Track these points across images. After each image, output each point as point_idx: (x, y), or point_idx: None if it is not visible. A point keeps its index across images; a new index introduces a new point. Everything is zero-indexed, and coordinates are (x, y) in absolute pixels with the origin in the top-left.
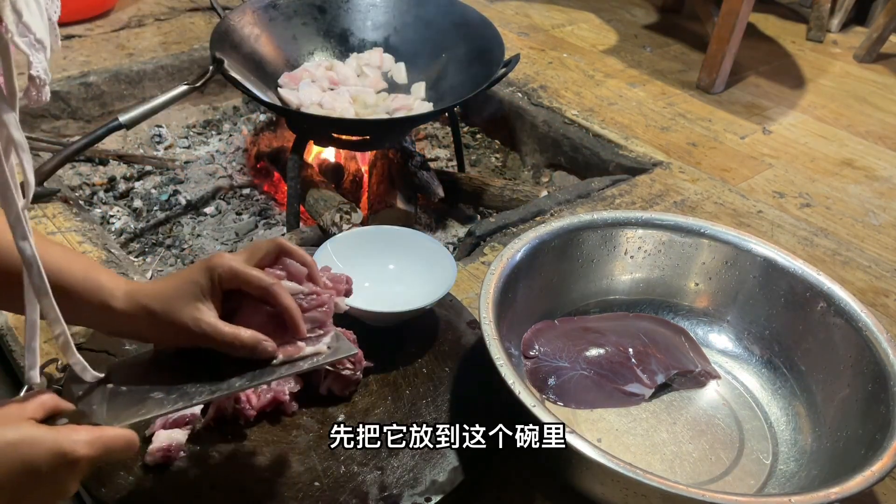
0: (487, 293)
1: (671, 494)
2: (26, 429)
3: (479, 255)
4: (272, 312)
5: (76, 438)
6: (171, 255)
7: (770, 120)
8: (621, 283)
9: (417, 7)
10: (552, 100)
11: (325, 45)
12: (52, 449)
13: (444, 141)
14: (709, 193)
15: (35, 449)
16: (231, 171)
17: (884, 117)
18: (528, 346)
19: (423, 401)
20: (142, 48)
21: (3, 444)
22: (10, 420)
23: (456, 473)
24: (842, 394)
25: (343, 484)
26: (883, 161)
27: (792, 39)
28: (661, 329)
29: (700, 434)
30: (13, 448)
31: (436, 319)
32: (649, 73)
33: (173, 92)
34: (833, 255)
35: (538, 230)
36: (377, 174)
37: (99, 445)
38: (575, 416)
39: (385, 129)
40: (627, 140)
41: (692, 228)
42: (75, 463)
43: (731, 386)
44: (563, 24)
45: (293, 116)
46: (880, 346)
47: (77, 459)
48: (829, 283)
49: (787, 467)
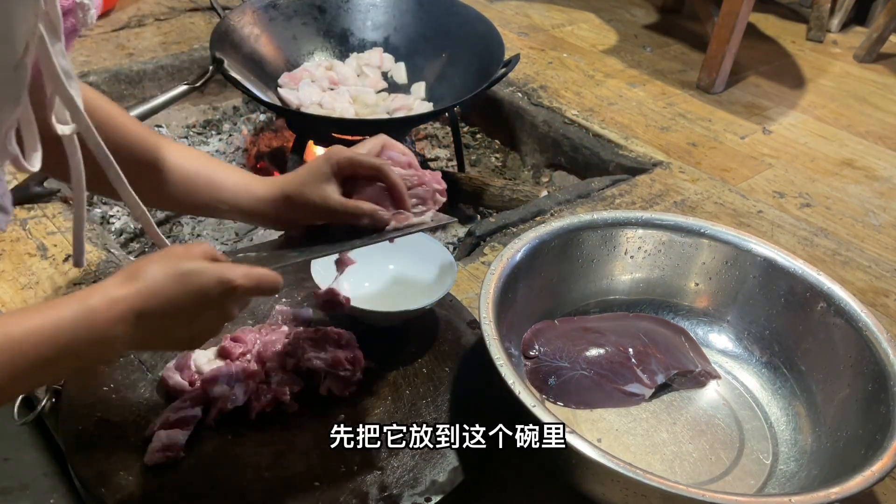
0: (487, 293)
1: (671, 494)
2: (198, 262)
3: (479, 255)
4: (381, 193)
5: (237, 271)
6: None
7: (770, 120)
8: (621, 283)
9: (417, 7)
10: (552, 100)
11: (325, 45)
12: (219, 277)
13: (444, 141)
14: (709, 193)
15: (205, 277)
16: None
17: (884, 117)
18: (528, 346)
19: (423, 401)
20: (142, 48)
21: (181, 273)
22: (183, 256)
23: (456, 473)
24: (842, 394)
25: (343, 484)
26: (883, 161)
27: (792, 39)
28: (661, 329)
29: (700, 434)
30: (189, 276)
31: (436, 319)
32: (649, 73)
33: (173, 92)
34: (833, 255)
35: (538, 230)
36: None
37: (254, 277)
38: (575, 416)
39: (385, 129)
40: (627, 140)
41: (692, 228)
42: (235, 290)
43: (731, 386)
44: (563, 24)
45: (293, 116)
46: (880, 346)
47: (237, 287)
48: (829, 283)
49: (787, 467)
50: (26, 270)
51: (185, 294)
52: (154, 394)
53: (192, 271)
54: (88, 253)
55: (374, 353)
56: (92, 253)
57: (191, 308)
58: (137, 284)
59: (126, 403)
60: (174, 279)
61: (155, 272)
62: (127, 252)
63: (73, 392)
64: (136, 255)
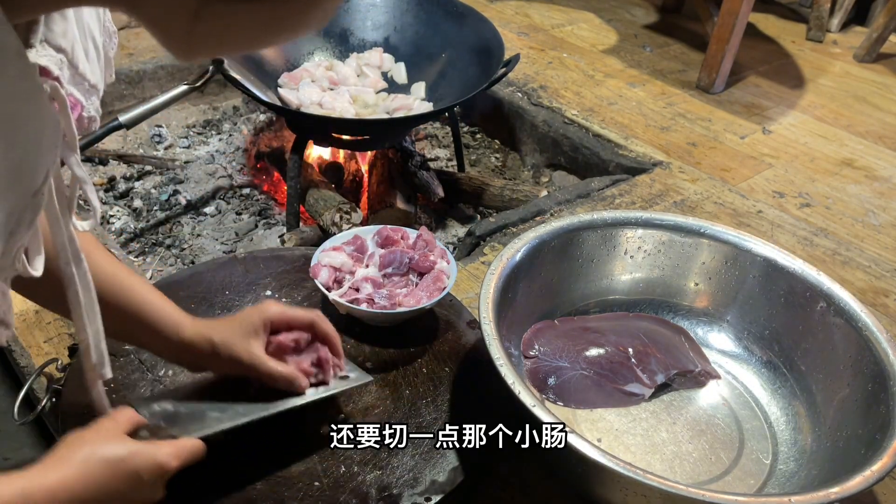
0: (487, 293)
1: (671, 494)
2: (129, 445)
3: (479, 255)
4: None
5: (168, 452)
6: (171, 255)
7: (770, 120)
8: (621, 283)
9: (417, 7)
10: (552, 100)
11: (325, 45)
12: (151, 461)
13: (444, 141)
14: (709, 193)
15: (138, 461)
16: (231, 171)
17: (884, 117)
18: (528, 346)
19: (423, 401)
20: (142, 48)
21: (116, 458)
22: (113, 436)
23: (456, 473)
24: (842, 394)
25: (343, 484)
26: (883, 161)
27: (792, 39)
28: (661, 329)
29: (700, 434)
30: (123, 462)
31: (436, 319)
32: (649, 73)
33: (173, 92)
34: (833, 254)
35: (538, 230)
36: (377, 174)
37: (184, 456)
38: (575, 416)
39: (385, 129)
40: (627, 140)
41: (692, 228)
42: (168, 472)
43: (731, 386)
44: (563, 24)
45: (293, 116)
46: (880, 346)
47: (170, 469)
48: (829, 283)
49: (787, 467)
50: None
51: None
52: (154, 393)
53: (125, 457)
54: None
55: (374, 353)
56: None
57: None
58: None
59: (126, 403)
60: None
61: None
62: (127, 252)
63: (73, 392)
64: (137, 256)
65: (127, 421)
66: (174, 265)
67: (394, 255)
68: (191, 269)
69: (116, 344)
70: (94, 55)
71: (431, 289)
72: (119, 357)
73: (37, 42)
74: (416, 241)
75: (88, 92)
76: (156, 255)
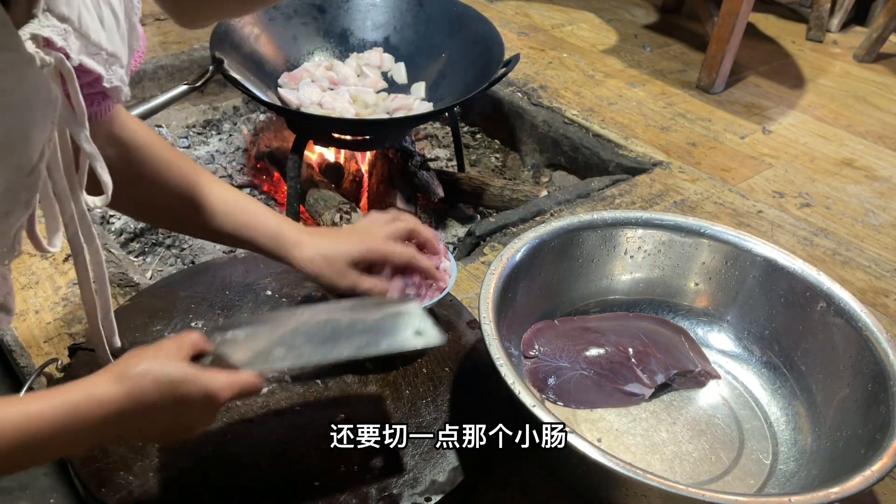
0: (487, 293)
1: (671, 494)
2: (184, 368)
3: (479, 255)
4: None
5: (221, 382)
6: (171, 254)
7: (770, 120)
8: (621, 283)
9: (417, 7)
10: (552, 100)
11: (325, 45)
12: (203, 389)
13: (444, 141)
14: (709, 193)
15: (190, 387)
16: (231, 171)
17: (884, 117)
18: (528, 346)
19: (423, 401)
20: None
21: (168, 380)
22: (171, 357)
23: (456, 473)
24: (842, 394)
25: (343, 484)
26: (883, 161)
27: (792, 39)
28: (661, 329)
29: (700, 434)
30: (175, 385)
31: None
32: (649, 73)
33: (173, 92)
34: (833, 254)
35: (538, 230)
36: (377, 174)
37: (237, 388)
38: (575, 416)
39: (385, 129)
40: (627, 140)
41: (692, 228)
42: (218, 402)
43: (731, 386)
44: (563, 24)
45: (293, 116)
46: (880, 345)
47: (219, 400)
48: (829, 282)
49: (787, 467)
50: (26, 270)
51: (169, 402)
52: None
53: (178, 381)
54: None
55: None
56: None
57: (173, 414)
58: (123, 388)
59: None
60: (159, 386)
61: (142, 375)
62: (127, 252)
63: None
64: (137, 256)
65: (191, 345)
66: (174, 265)
67: None
68: (191, 269)
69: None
70: (111, 23)
71: (431, 289)
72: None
73: (39, 12)
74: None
75: (108, 61)
76: (156, 255)
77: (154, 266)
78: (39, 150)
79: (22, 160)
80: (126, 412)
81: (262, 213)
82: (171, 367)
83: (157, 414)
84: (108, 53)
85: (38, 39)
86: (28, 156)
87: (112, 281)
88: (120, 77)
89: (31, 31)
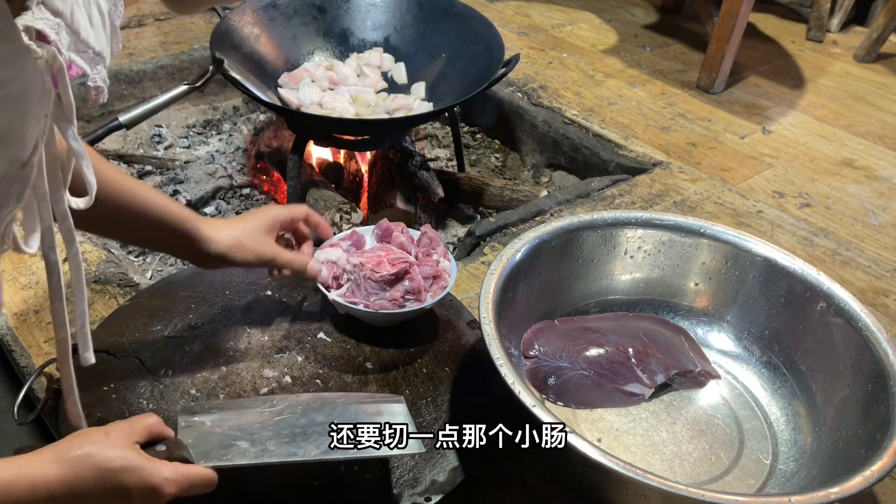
0: (487, 293)
1: (671, 494)
2: (129, 456)
3: (479, 255)
4: None
5: (167, 476)
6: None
7: (770, 120)
8: (621, 283)
9: (417, 7)
10: (552, 100)
11: (325, 45)
12: (145, 481)
13: (444, 141)
14: (709, 193)
15: (132, 478)
16: (231, 171)
17: (884, 117)
18: (528, 346)
19: (423, 401)
20: (142, 48)
21: (108, 468)
22: (118, 443)
23: (456, 473)
24: (842, 394)
25: (343, 484)
26: (883, 161)
27: (792, 39)
28: (661, 329)
29: (700, 434)
30: (115, 473)
31: (436, 319)
32: (649, 73)
33: (173, 92)
34: (833, 255)
35: (538, 230)
36: (377, 174)
37: (184, 485)
38: (575, 416)
39: (385, 129)
40: (627, 140)
41: (692, 228)
42: (161, 495)
43: (731, 386)
44: (562, 24)
45: (293, 116)
46: (880, 346)
47: (164, 495)
48: (829, 283)
49: (787, 467)
50: (26, 270)
51: (107, 491)
52: (154, 393)
53: (119, 469)
54: (88, 253)
55: (375, 352)
56: (92, 253)
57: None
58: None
59: (126, 403)
60: (99, 474)
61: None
62: (127, 252)
63: None
64: (136, 255)
65: (144, 429)
66: (174, 265)
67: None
68: (191, 269)
69: (116, 344)
70: (98, 22)
71: (432, 288)
72: (119, 357)
73: (33, 4)
74: (421, 238)
75: (93, 61)
76: (156, 255)
77: (154, 266)
78: (34, 143)
79: (18, 152)
80: (58, 498)
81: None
82: (114, 453)
83: (92, 502)
84: (94, 52)
85: (30, 31)
86: (23, 148)
87: (112, 281)
88: (102, 77)
89: (24, 22)
